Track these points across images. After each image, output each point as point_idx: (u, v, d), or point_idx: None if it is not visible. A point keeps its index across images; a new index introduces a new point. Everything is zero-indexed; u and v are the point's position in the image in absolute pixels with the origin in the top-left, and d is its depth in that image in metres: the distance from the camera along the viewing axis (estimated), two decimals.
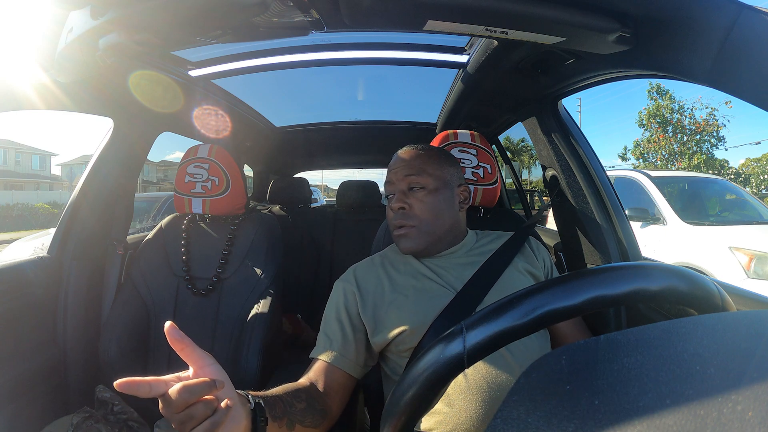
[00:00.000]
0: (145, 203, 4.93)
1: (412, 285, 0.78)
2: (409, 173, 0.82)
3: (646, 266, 0.37)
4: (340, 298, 0.80)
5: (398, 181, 0.83)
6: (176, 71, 1.18)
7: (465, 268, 0.80)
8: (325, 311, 0.80)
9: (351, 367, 0.74)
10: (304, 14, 0.69)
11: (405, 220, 0.80)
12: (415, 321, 0.72)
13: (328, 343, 0.75)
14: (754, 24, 0.49)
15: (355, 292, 0.79)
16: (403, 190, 0.82)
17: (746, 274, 2.84)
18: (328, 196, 14.63)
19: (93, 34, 0.66)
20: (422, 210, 0.80)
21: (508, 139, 10.62)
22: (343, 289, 0.80)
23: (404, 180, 0.82)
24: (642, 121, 13.99)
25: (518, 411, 0.23)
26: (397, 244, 0.83)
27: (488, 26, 0.68)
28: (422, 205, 0.80)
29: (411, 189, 0.82)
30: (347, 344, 0.75)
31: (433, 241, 0.82)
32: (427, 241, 0.81)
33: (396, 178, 0.83)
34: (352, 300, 0.79)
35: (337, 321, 0.77)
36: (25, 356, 1.01)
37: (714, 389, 0.20)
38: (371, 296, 0.78)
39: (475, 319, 0.37)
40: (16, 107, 0.90)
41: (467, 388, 0.67)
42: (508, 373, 0.68)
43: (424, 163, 0.83)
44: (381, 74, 1.74)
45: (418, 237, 0.80)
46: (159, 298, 1.18)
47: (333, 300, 0.81)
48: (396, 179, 0.83)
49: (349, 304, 0.78)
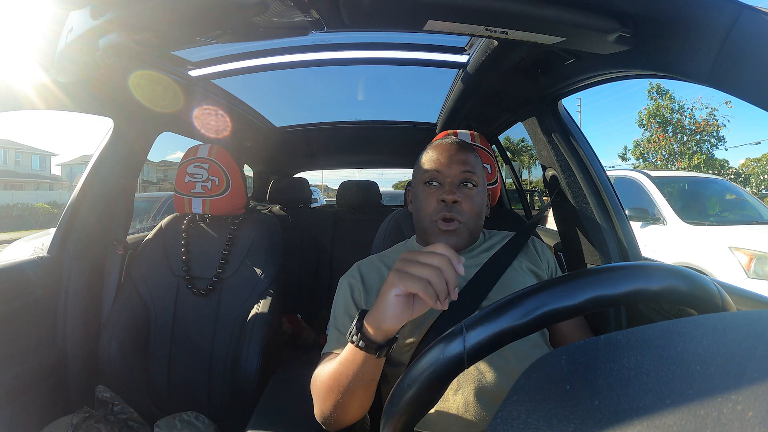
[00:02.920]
0: (145, 203, 4.92)
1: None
2: (466, 168, 0.79)
3: (646, 266, 0.37)
4: (347, 291, 0.78)
5: (451, 171, 0.79)
6: (176, 71, 1.18)
7: (469, 267, 0.80)
8: (334, 308, 0.78)
9: None
10: (304, 14, 0.69)
11: (457, 215, 0.76)
12: (416, 319, 0.72)
13: (342, 336, 0.73)
14: (754, 24, 0.49)
15: (360, 288, 0.78)
16: (455, 182, 0.79)
17: (746, 274, 2.84)
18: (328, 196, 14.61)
19: (93, 34, 0.66)
20: (470, 208, 0.78)
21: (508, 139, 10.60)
22: (349, 284, 0.79)
23: (459, 174, 0.79)
24: (642, 121, 14.00)
25: (518, 411, 0.23)
26: (437, 239, 0.78)
27: (488, 26, 0.68)
28: (471, 202, 0.78)
29: (463, 184, 0.79)
30: None
31: (470, 242, 0.81)
32: (468, 242, 0.79)
33: (449, 168, 0.79)
34: (357, 294, 0.78)
35: (347, 315, 0.76)
36: (25, 356, 1.01)
37: (714, 389, 0.20)
38: (375, 292, 0.78)
39: (475, 318, 0.37)
40: (16, 107, 0.90)
41: (467, 388, 0.67)
42: (508, 373, 0.68)
43: (477, 160, 0.82)
44: (381, 74, 1.74)
45: (463, 235, 0.78)
46: (159, 298, 1.18)
47: (340, 295, 0.79)
48: (449, 169, 0.79)
49: (356, 298, 0.78)
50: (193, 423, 1.01)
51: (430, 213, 0.78)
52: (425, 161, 0.83)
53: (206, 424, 1.03)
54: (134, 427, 0.99)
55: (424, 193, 0.80)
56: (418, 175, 0.83)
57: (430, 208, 0.78)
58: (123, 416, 1.00)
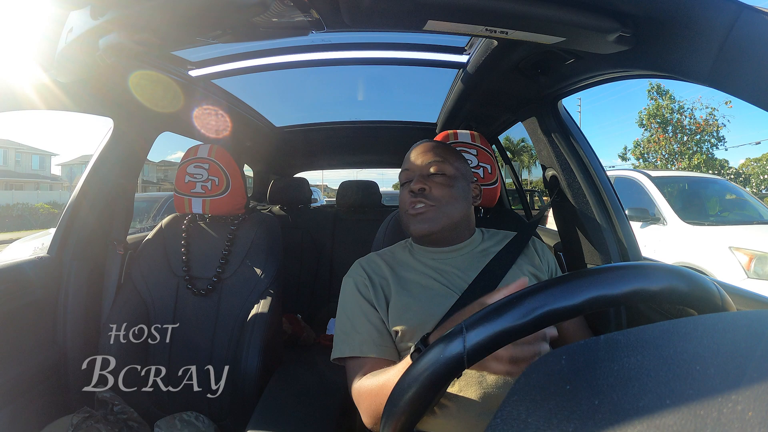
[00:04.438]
0: (145, 203, 4.92)
1: (417, 282, 0.78)
2: (433, 160, 0.83)
3: (646, 266, 0.37)
4: (354, 290, 0.78)
5: (418, 166, 0.83)
6: (176, 71, 1.18)
7: (469, 268, 0.80)
8: (344, 309, 0.78)
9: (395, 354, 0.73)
10: (304, 14, 0.69)
11: (424, 199, 0.80)
12: (418, 321, 0.72)
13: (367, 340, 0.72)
14: (754, 24, 0.49)
15: (367, 283, 0.78)
16: (423, 174, 0.83)
17: (746, 274, 2.84)
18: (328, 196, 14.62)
19: (93, 34, 0.66)
20: (442, 194, 0.80)
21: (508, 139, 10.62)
22: (354, 282, 0.79)
23: (426, 166, 0.83)
24: (642, 121, 14.00)
25: (518, 411, 0.23)
26: (411, 226, 0.81)
27: (488, 26, 0.68)
28: (442, 189, 0.81)
29: (431, 175, 0.82)
30: (382, 333, 0.73)
31: (449, 226, 0.81)
32: (443, 224, 0.80)
33: (416, 164, 0.83)
34: (365, 290, 0.78)
35: (362, 313, 0.75)
36: (25, 356, 1.01)
37: (714, 389, 0.20)
38: (379, 286, 0.78)
39: (475, 319, 0.37)
40: (16, 107, 0.90)
41: (467, 388, 0.67)
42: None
43: (446, 152, 0.85)
44: (381, 74, 1.74)
45: (435, 218, 0.79)
46: (159, 298, 1.18)
47: (347, 295, 0.79)
48: (415, 166, 0.83)
49: (363, 293, 0.77)
50: (193, 423, 1.01)
51: (405, 206, 0.83)
52: (403, 162, 0.88)
53: (206, 424, 1.03)
54: (134, 427, 0.99)
55: (401, 193, 0.85)
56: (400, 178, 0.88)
57: (405, 201, 0.83)
58: (123, 416, 1.00)
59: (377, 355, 0.71)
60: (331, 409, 0.85)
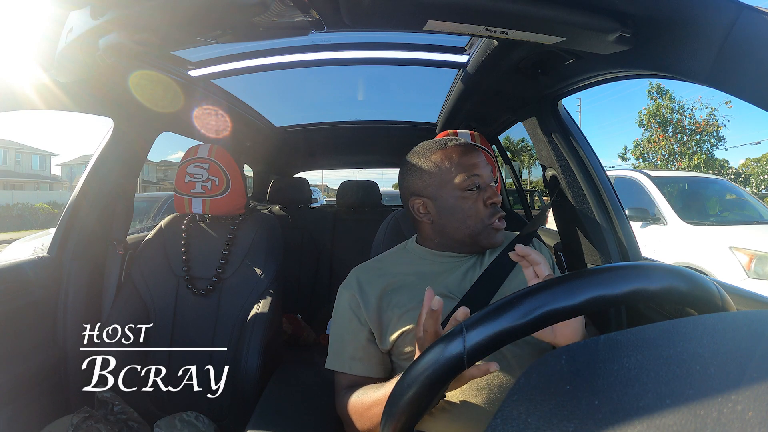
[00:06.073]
0: (145, 203, 4.92)
1: (416, 285, 0.77)
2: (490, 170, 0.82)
3: (646, 266, 0.37)
4: (346, 305, 0.78)
5: (485, 174, 0.80)
6: (176, 71, 1.18)
7: (469, 270, 0.80)
8: (337, 323, 0.78)
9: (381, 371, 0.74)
10: (304, 14, 0.69)
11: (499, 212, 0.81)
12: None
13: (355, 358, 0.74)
14: (754, 24, 0.49)
15: (359, 300, 0.77)
16: (490, 184, 0.82)
17: (746, 274, 2.84)
18: (328, 196, 14.59)
19: (93, 34, 0.66)
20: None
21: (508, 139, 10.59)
22: (347, 297, 0.79)
23: (491, 176, 0.82)
24: (642, 121, 14.00)
25: (518, 411, 0.23)
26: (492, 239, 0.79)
27: (488, 26, 0.68)
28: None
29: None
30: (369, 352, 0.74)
31: None
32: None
33: (484, 170, 0.80)
34: (356, 306, 0.77)
35: (352, 332, 0.76)
36: (25, 356, 1.01)
37: (714, 389, 0.20)
38: (372, 303, 0.77)
39: (474, 319, 0.37)
40: (16, 107, 0.90)
41: (467, 389, 0.67)
42: (508, 373, 0.68)
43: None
44: (381, 74, 1.74)
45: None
46: (159, 298, 1.18)
47: (340, 308, 0.79)
48: (484, 172, 0.80)
49: (355, 311, 0.77)
50: (193, 423, 1.01)
51: (483, 218, 0.78)
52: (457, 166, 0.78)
53: (206, 424, 1.03)
54: (134, 427, 0.99)
55: (469, 200, 0.77)
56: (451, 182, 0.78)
57: (482, 213, 0.78)
58: (123, 416, 0.99)
59: (364, 373, 0.73)
60: (331, 409, 0.85)
